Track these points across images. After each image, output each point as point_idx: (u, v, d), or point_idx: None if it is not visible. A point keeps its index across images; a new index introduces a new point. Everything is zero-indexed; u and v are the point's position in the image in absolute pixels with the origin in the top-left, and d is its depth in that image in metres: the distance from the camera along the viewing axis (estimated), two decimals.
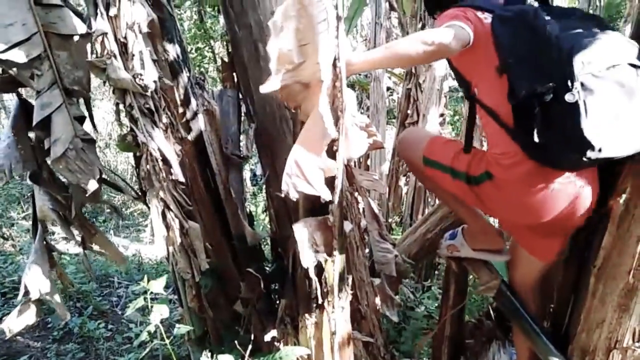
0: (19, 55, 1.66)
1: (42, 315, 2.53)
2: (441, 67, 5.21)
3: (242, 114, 2.36)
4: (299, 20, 1.02)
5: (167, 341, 1.74)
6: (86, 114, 1.95)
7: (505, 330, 1.97)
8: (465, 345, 2.05)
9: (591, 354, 1.48)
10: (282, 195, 1.42)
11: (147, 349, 2.07)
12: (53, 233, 6.26)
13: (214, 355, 1.74)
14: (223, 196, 2.18)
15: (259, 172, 7.62)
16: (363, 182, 2.22)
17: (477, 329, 2.06)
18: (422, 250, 2.93)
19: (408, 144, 1.88)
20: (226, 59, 2.27)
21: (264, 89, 1.07)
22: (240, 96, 2.27)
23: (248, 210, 2.40)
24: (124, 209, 7.58)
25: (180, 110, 2.08)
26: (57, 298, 2.01)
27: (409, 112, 5.89)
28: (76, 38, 1.80)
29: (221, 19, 6.86)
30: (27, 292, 1.93)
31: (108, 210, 7.15)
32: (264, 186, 2.44)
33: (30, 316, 1.97)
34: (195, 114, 2.12)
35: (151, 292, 1.68)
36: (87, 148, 1.86)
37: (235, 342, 1.89)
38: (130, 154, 2.30)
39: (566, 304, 1.63)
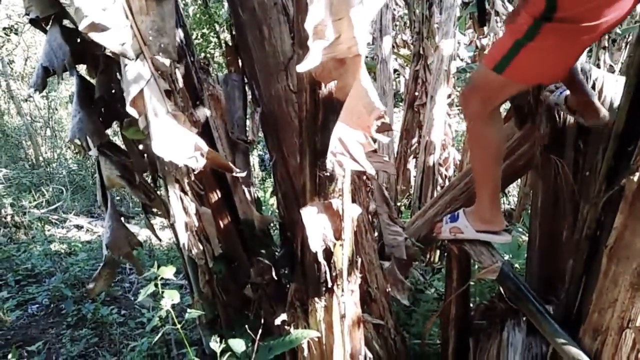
0: (105, 20, 1.49)
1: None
2: (449, 47, 5.14)
3: (248, 98, 2.34)
4: None
5: (179, 326, 1.75)
6: None
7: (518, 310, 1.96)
8: (473, 326, 2.05)
9: (603, 333, 1.46)
10: (326, 174, 1.42)
11: (160, 334, 2.09)
12: (65, 220, 6.34)
13: (225, 339, 1.75)
14: (230, 181, 2.18)
15: (267, 157, 7.61)
16: (372, 164, 2.20)
17: (489, 310, 2.05)
18: (431, 233, 2.92)
19: (473, 92, 1.73)
20: (230, 43, 2.25)
21: (302, 67, 1.04)
22: (246, 80, 2.26)
23: (256, 195, 2.40)
24: (134, 196, 7.62)
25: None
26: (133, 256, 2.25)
27: (416, 94, 5.85)
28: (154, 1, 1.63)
29: (225, 3, 6.80)
30: (108, 254, 2.13)
31: (118, 198, 7.21)
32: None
33: (110, 276, 2.20)
34: (200, 99, 2.10)
35: (162, 278, 1.69)
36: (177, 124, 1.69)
37: (246, 326, 1.91)
38: None
39: (578, 285, 1.61)
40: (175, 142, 1.60)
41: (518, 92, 1.86)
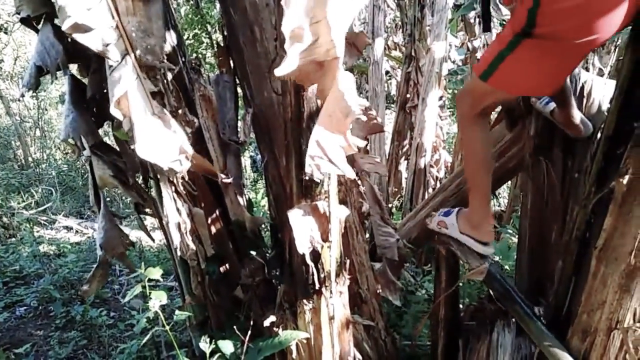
0: (90, 20, 1.48)
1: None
2: (440, 49, 5.16)
3: (239, 99, 2.33)
4: None
5: (167, 327, 1.74)
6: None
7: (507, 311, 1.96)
8: (462, 327, 2.06)
9: (592, 334, 1.47)
10: (307, 177, 1.41)
11: (148, 336, 2.08)
12: (54, 222, 6.28)
13: (214, 340, 1.74)
14: (221, 183, 2.16)
15: (259, 158, 7.60)
16: (365, 166, 2.20)
17: (479, 311, 2.06)
18: (422, 235, 2.92)
19: (464, 94, 1.77)
20: (222, 44, 2.24)
21: (280, 71, 1.03)
22: (237, 81, 2.25)
23: (247, 196, 2.39)
24: (124, 197, 7.58)
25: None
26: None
27: (408, 96, 5.87)
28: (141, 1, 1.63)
29: (217, 3, 6.78)
30: (102, 255, 2.13)
31: (108, 199, 7.15)
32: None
33: (103, 277, 2.20)
34: (191, 100, 2.09)
35: (150, 280, 1.68)
36: (163, 127, 1.68)
37: (235, 327, 1.90)
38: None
39: (567, 286, 1.62)
40: (160, 144, 1.59)
41: (505, 99, 1.89)
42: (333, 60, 1.07)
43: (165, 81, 1.90)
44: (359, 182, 2.23)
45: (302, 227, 1.43)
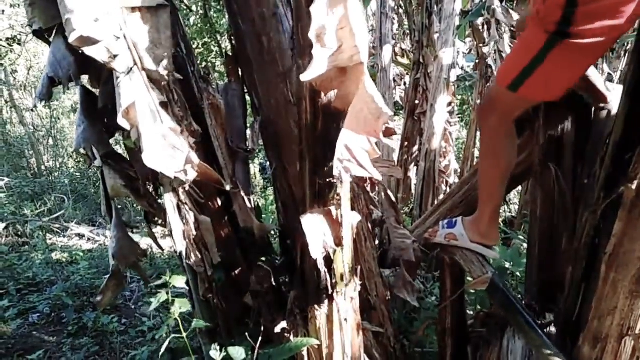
0: (97, 33, 1.50)
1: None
2: (448, 56, 5.17)
3: (248, 108, 2.36)
4: (333, 3, 1.02)
5: (185, 334, 1.75)
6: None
7: None
8: (471, 334, 2.05)
9: (603, 341, 1.46)
10: (335, 180, 1.42)
11: (163, 343, 2.09)
12: (66, 229, 6.34)
13: (224, 347, 1.75)
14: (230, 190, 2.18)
15: (268, 165, 7.64)
16: (380, 169, 2.20)
17: (489, 318, 2.05)
18: (430, 242, 2.92)
19: (490, 108, 1.72)
20: (231, 53, 2.27)
21: (306, 76, 1.05)
22: (246, 90, 2.27)
23: (256, 203, 2.40)
24: (135, 205, 7.64)
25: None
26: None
27: (417, 102, 5.88)
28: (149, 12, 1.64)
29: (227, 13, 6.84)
30: (114, 264, 2.13)
31: (120, 207, 7.21)
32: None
33: (117, 287, 2.20)
34: (200, 109, 2.11)
35: (160, 286, 1.69)
36: (170, 136, 1.69)
37: (246, 334, 1.91)
38: None
39: (577, 293, 1.61)
40: (167, 154, 1.60)
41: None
42: (357, 66, 1.09)
43: (173, 91, 1.92)
44: (370, 187, 2.23)
45: (315, 232, 1.44)
